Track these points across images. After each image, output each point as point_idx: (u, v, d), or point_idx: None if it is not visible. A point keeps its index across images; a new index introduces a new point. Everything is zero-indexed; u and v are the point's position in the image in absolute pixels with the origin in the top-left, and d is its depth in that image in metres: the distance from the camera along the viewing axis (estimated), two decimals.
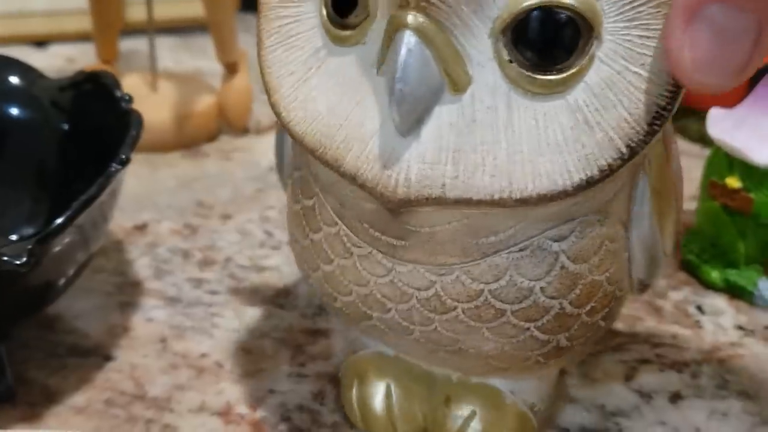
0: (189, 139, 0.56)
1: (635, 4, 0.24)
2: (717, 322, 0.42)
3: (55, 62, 0.69)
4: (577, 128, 0.24)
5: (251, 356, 0.38)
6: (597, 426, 0.35)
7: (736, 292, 0.44)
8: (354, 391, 0.33)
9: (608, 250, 0.28)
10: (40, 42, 0.72)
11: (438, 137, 0.24)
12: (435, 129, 0.24)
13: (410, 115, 0.24)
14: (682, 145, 0.55)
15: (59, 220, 0.31)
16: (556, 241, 0.27)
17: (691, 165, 0.44)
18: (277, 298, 0.42)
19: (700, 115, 0.45)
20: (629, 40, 0.24)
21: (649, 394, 0.37)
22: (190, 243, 0.46)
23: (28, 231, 0.40)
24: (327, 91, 0.26)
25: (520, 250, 0.27)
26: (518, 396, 0.32)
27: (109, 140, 0.38)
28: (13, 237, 0.40)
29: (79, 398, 0.35)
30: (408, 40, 0.23)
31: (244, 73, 0.58)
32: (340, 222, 0.28)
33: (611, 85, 0.24)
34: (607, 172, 0.24)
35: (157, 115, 0.54)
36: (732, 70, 0.22)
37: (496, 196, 0.24)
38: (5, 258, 0.28)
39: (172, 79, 0.58)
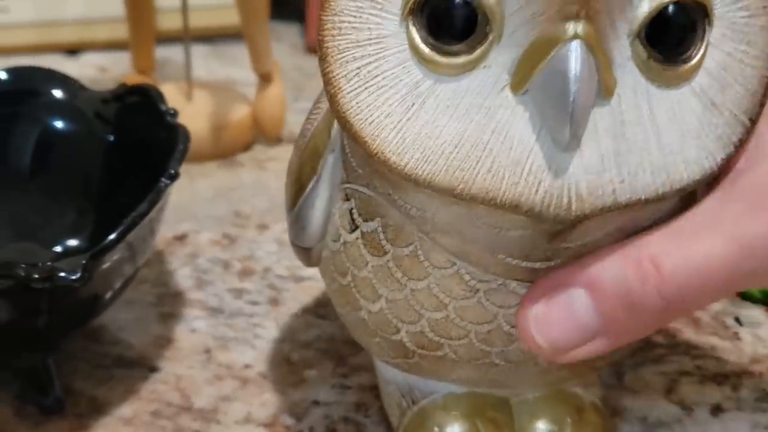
0: (225, 149, 0.56)
1: None
2: (755, 333, 0.42)
3: (88, 71, 0.69)
4: (707, 111, 0.26)
5: (294, 367, 0.38)
6: None
7: None
8: None
9: None
10: (72, 50, 0.73)
11: (597, 145, 0.24)
12: (593, 137, 0.24)
13: (581, 127, 0.24)
14: None
15: (112, 236, 0.31)
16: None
17: None
18: (317, 309, 0.42)
19: None
20: (734, 22, 0.26)
21: (690, 406, 0.37)
22: (229, 253, 0.46)
23: (72, 242, 0.41)
24: (446, 124, 0.25)
25: None
26: (589, 394, 0.33)
27: (154, 153, 0.38)
28: (57, 248, 0.41)
29: (126, 409, 0.36)
30: (578, 49, 0.23)
31: (278, 82, 0.59)
32: (459, 261, 0.27)
33: (725, 67, 0.26)
34: (739, 147, 0.26)
35: (193, 125, 0.53)
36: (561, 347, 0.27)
37: (661, 191, 0.25)
38: (62, 274, 0.29)
39: (206, 89, 0.59)
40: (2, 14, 0.71)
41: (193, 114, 0.55)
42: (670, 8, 0.24)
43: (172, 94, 0.57)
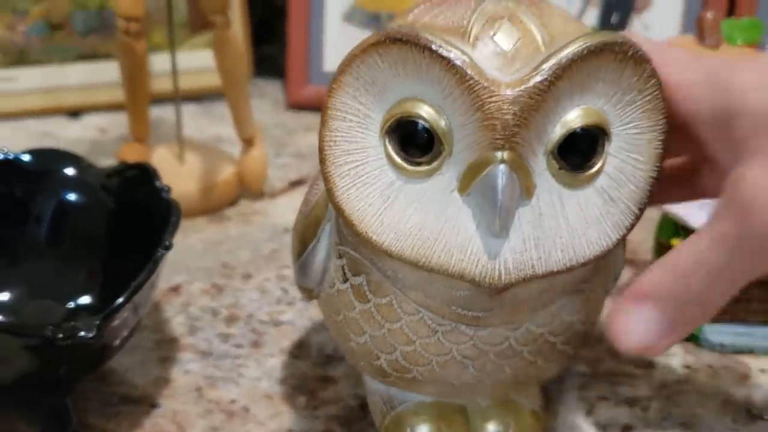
0: (213, 205, 0.64)
1: (628, 111, 0.34)
2: (667, 362, 0.50)
3: (89, 133, 0.77)
4: (606, 204, 0.34)
5: (272, 401, 0.46)
6: None
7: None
8: None
9: (605, 275, 0.39)
10: (75, 112, 0.80)
11: (521, 232, 0.33)
12: (517, 227, 0.33)
13: (508, 222, 0.32)
14: None
15: (120, 300, 0.38)
16: (583, 282, 0.37)
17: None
18: (293, 350, 0.49)
19: None
20: (627, 138, 0.34)
21: (605, 426, 0.45)
22: (217, 302, 0.54)
23: (84, 299, 0.48)
24: (412, 214, 0.33)
25: (567, 295, 0.36)
26: (529, 403, 0.41)
27: (151, 221, 0.46)
28: (71, 305, 0.48)
29: None
30: (503, 170, 0.32)
31: (260, 143, 0.66)
32: (423, 310, 0.36)
33: (621, 170, 0.34)
34: (630, 230, 0.34)
35: (185, 186, 0.62)
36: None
37: (569, 265, 0.34)
38: (81, 333, 0.36)
39: (196, 151, 0.66)
40: (11, 83, 0.78)
41: (184, 176, 0.63)
42: (575, 134, 0.33)
43: (165, 157, 0.65)
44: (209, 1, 0.59)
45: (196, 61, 0.79)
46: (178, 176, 0.62)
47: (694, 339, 0.51)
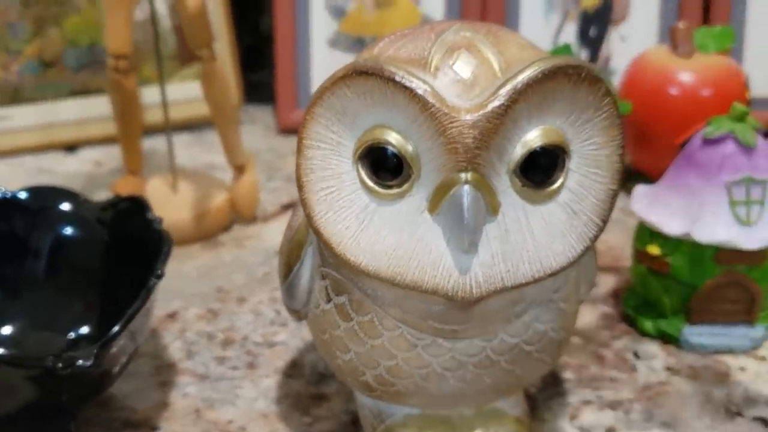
0: (207, 232, 0.65)
1: (586, 128, 0.35)
2: (650, 365, 0.51)
3: (85, 167, 0.79)
4: (569, 217, 0.36)
5: (267, 419, 0.47)
6: None
7: (666, 339, 0.53)
8: None
9: (576, 285, 0.41)
10: (71, 147, 0.82)
11: (489, 248, 0.35)
12: (485, 242, 0.35)
13: (476, 238, 0.34)
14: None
15: (115, 329, 0.40)
16: (555, 293, 0.39)
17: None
18: (287, 369, 0.51)
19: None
20: (586, 154, 0.36)
21: (589, 429, 0.46)
22: (213, 326, 0.55)
23: (82, 328, 0.50)
24: (387, 235, 0.35)
25: (538, 305, 0.38)
26: (512, 410, 0.43)
27: (143, 252, 0.48)
28: (71, 335, 0.50)
29: None
30: (468, 190, 0.34)
31: (251, 170, 0.68)
32: (403, 326, 0.38)
33: (582, 184, 0.36)
34: (593, 241, 0.36)
35: (178, 215, 0.63)
36: None
37: (537, 276, 0.35)
38: (79, 362, 0.38)
39: (188, 179, 0.68)
40: (6, 121, 0.81)
41: (178, 204, 0.65)
42: (535, 153, 0.35)
43: (158, 187, 0.67)
44: (194, 37, 0.61)
45: (187, 92, 0.82)
46: (172, 205, 0.64)
47: (674, 341, 0.53)
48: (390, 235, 0.36)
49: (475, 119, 0.33)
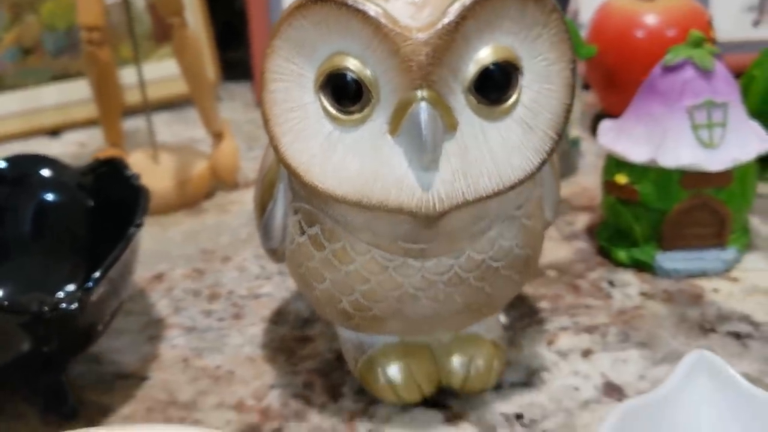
0: (189, 199, 0.67)
1: (536, 44, 0.37)
2: (625, 292, 0.53)
3: (69, 148, 0.80)
4: (526, 132, 0.37)
5: (254, 363, 0.49)
6: (524, 380, 0.46)
7: (640, 267, 0.54)
8: (381, 377, 0.43)
9: (539, 204, 0.42)
10: (54, 131, 0.84)
11: (449, 164, 0.36)
12: (446, 159, 0.36)
13: (435, 155, 0.36)
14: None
15: (96, 274, 0.41)
16: (518, 209, 0.40)
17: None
18: (272, 317, 0.52)
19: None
20: (539, 68, 0.37)
21: (566, 353, 0.48)
22: (199, 283, 0.57)
23: (70, 287, 0.51)
24: (351, 160, 0.37)
25: (502, 222, 0.39)
26: (489, 334, 0.44)
27: (126, 210, 0.49)
28: (60, 295, 0.51)
29: (126, 410, 0.46)
30: (424, 107, 0.35)
31: (230, 137, 0.69)
32: (373, 249, 0.39)
33: (536, 100, 0.37)
34: (550, 154, 0.37)
35: (160, 183, 0.65)
36: None
37: (496, 190, 0.37)
38: (63, 305, 0.39)
39: (169, 151, 0.69)
40: None
41: (159, 174, 0.66)
42: (491, 67, 0.36)
43: (140, 159, 0.68)
44: (164, 5, 0.62)
45: (164, 71, 0.83)
46: (154, 175, 0.65)
47: (649, 268, 0.54)
48: (354, 160, 0.37)
49: (426, 37, 0.34)
